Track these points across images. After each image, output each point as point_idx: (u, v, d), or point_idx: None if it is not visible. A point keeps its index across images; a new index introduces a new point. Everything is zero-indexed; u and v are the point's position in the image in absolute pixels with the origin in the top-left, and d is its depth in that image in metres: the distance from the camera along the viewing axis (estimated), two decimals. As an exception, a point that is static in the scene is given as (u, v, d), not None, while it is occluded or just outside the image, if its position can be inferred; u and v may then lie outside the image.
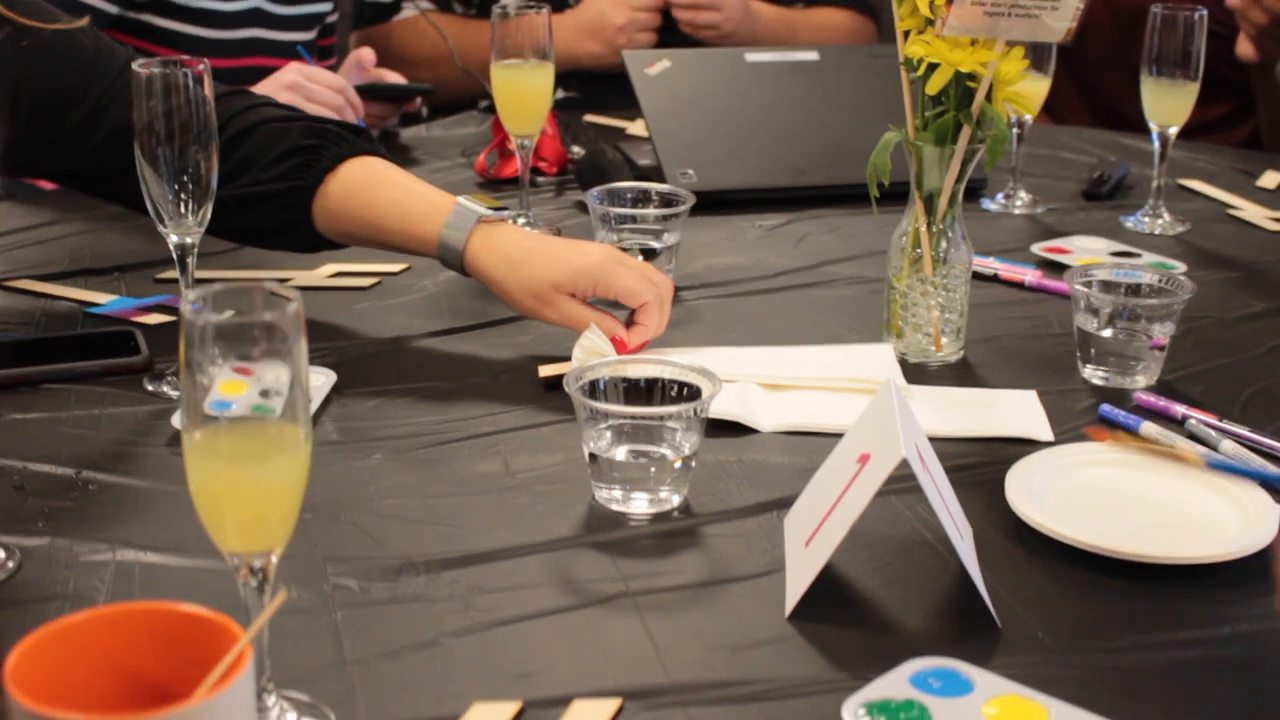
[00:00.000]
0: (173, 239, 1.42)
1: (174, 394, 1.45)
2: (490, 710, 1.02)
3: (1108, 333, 1.53)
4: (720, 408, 1.41)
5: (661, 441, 1.28)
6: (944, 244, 1.55)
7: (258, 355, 0.91)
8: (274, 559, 0.96)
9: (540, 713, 1.02)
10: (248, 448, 0.94)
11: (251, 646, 0.87)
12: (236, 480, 0.94)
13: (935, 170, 1.51)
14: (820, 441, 1.35)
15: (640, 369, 1.31)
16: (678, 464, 1.27)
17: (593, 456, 1.28)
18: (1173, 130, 2.01)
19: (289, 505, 0.95)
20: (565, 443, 1.37)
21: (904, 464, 1.10)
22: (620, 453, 1.28)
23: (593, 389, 1.29)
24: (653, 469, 1.27)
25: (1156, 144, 2.02)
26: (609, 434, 1.28)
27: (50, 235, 1.91)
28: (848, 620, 1.14)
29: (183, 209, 1.39)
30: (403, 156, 2.29)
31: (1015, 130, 2.08)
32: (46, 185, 2.04)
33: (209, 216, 1.41)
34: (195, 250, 1.42)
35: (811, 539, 1.17)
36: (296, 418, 0.94)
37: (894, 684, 1.04)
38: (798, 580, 1.16)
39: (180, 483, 1.28)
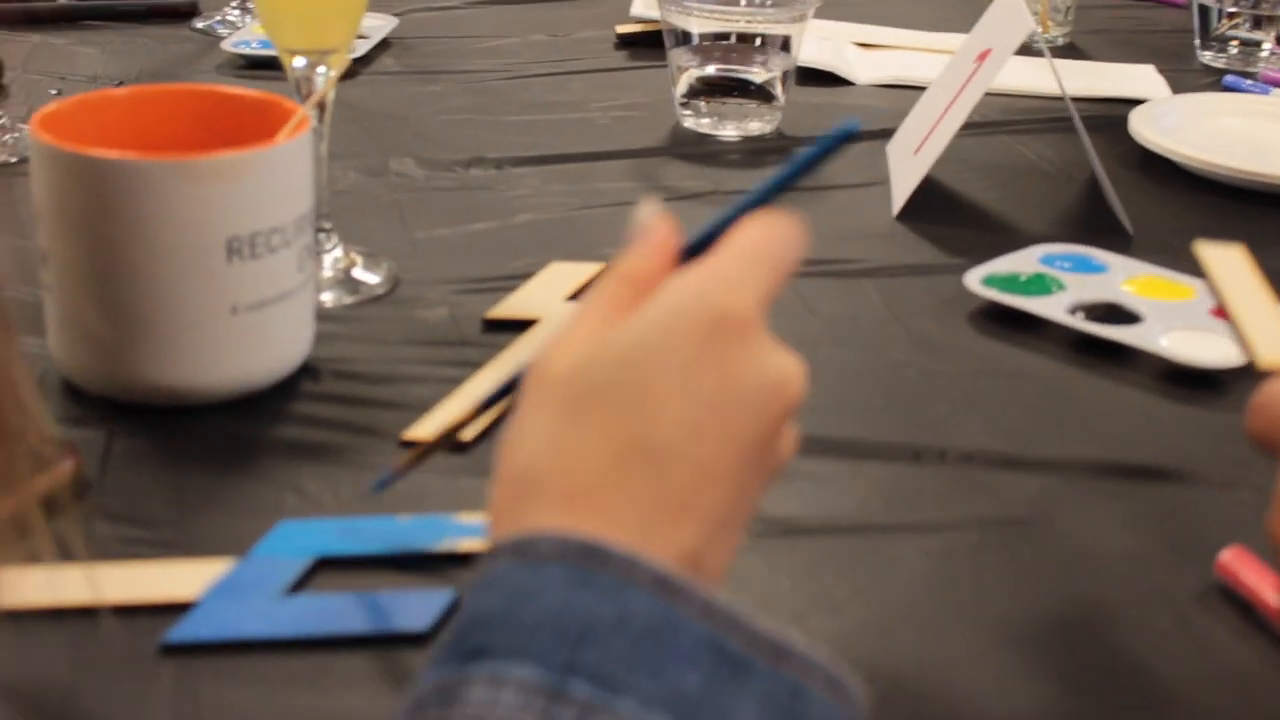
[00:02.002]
0: None
1: (225, 32, 1.34)
2: (570, 269, 0.92)
3: (1233, 8, 1.41)
4: (813, 56, 1.30)
5: (753, 63, 1.17)
6: (1057, -91, 1.43)
7: None
8: (333, 73, 0.85)
9: (626, 276, 0.91)
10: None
11: (309, 119, 0.76)
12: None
13: None
14: (920, 95, 1.23)
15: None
16: (769, 86, 1.16)
17: (681, 84, 1.17)
18: None
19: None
20: (647, 86, 1.26)
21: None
22: (710, 70, 1.17)
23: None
24: (743, 92, 1.16)
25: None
26: (697, 55, 1.17)
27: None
28: (962, 222, 1.04)
29: None
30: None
31: None
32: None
33: None
34: None
35: (922, 145, 1.06)
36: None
37: (1021, 261, 0.93)
38: (906, 183, 1.05)
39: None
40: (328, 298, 0.86)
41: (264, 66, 1.21)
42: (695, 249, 0.52)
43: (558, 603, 0.43)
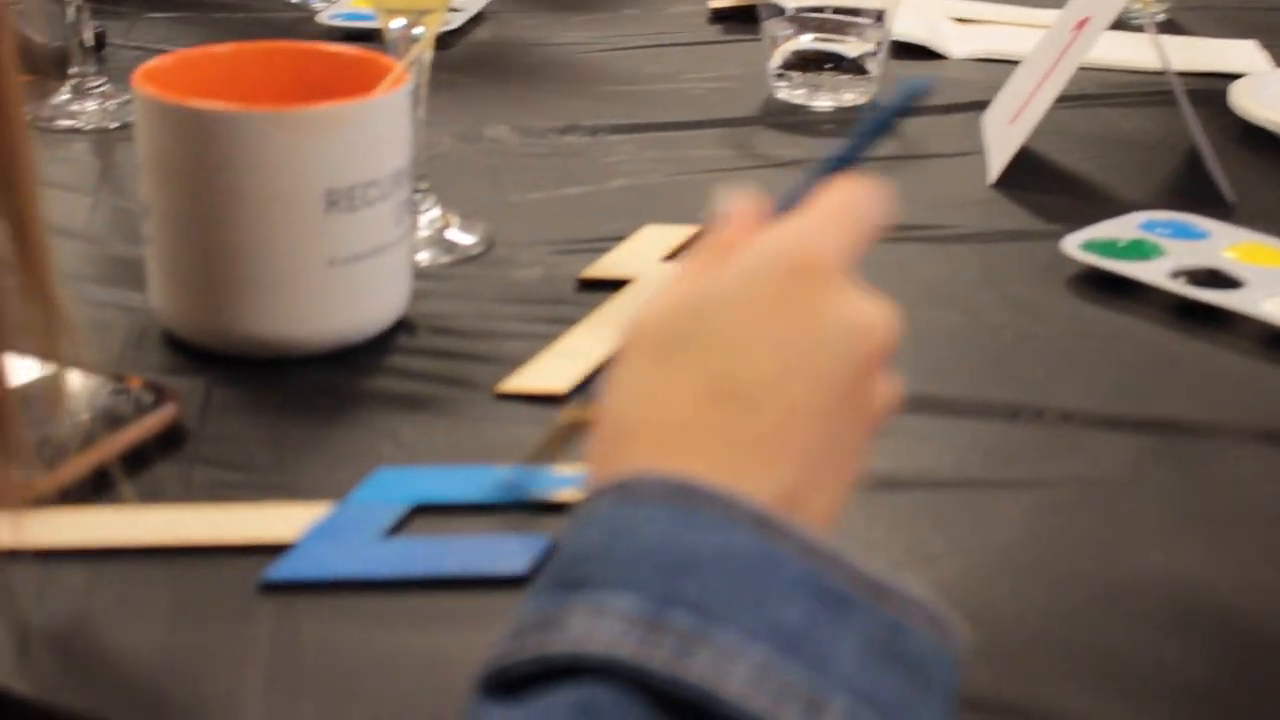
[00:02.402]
0: None
1: (321, 5, 1.35)
2: (664, 232, 0.92)
3: (1338, -16, 1.38)
4: (907, 30, 1.29)
5: (848, 35, 1.17)
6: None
7: None
8: (429, 32, 0.85)
9: (720, 240, 0.91)
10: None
11: (407, 74, 0.77)
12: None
13: None
14: (1015, 69, 1.22)
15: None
16: (863, 59, 1.16)
17: (776, 56, 1.16)
18: None
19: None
20: (740, 58, 1.26)
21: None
22: (805, 40, 1.16)
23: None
24: (837, 65, 1.16)
25: None
26: (792, 26, 1.16)
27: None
28: (1059, 190, 1.03)
29: None
30: None
31: None
32: None
33: None
34: None
35: (1018, 115, 1.05)
36: None
37: (1121, 227, 0.92)
38: (1003, 150, 1.04)
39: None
40: (424, 257, 0.86)
41: (359, 39, 1.22)
42: (782, 213, 0.53)
43: (658, 538, 0.43)
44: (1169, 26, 1.43)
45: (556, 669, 0.41)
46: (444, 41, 1.24)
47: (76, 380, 0.70)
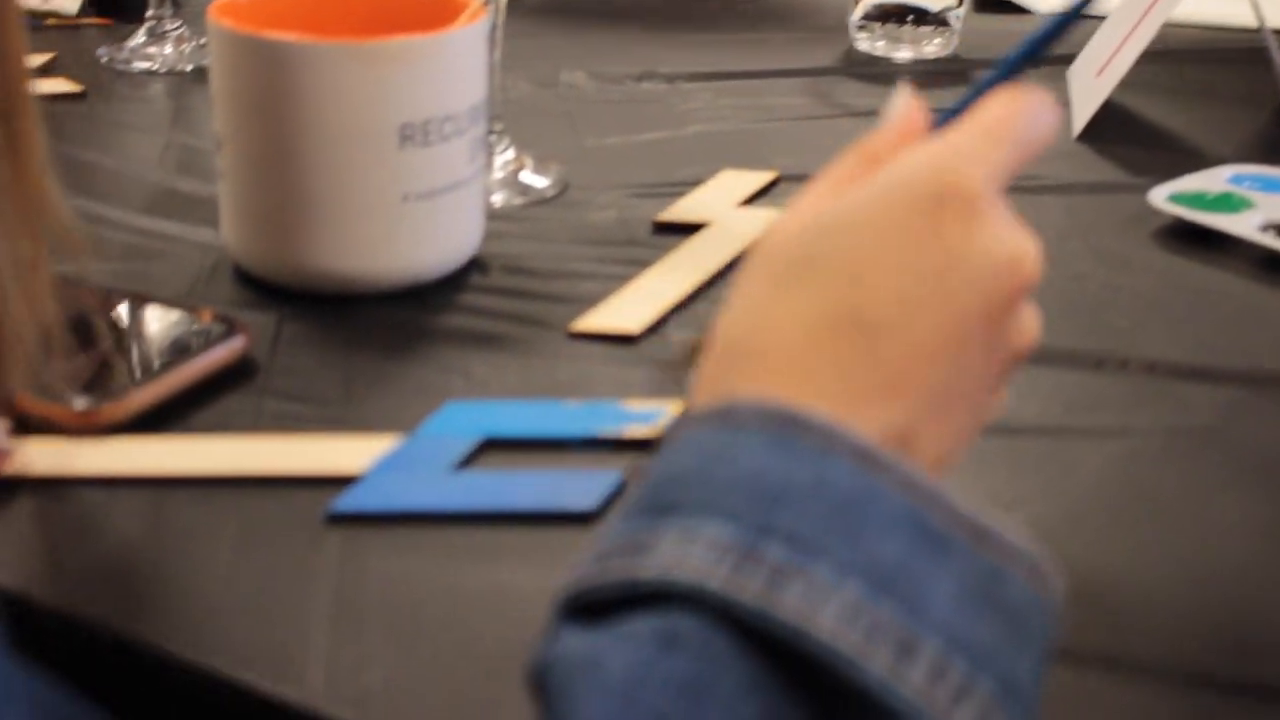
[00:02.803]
0: None
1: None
2: (741, 177, 0.90)
3: None
4: (991, -17, 1.27)
5: (932, -17, 1.15)
6: None
7: None
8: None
9: (797, 187, 0.90)
10: None
11: (485, 10, 0.76)
12: None
13: None
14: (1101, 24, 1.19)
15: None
16: (945, 12, 1.14)
17: (858, 9, 1.15)
18: None
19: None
20: (821, 10, 1.25)
21: None
22: (887, -10, 1.15)
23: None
24: (919, 18, 1.14)
25: None
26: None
27: None
28: (1145, 144, 1.00)
29: None
30: None
31: None
32: None
33: None
34: None
35: (1104, 69, 1.03)
36: None
37: (1208, 179, 0.90)
38: (1088, 103, 1.02)
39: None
40: (497, 198, 0.86)
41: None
42: (942, 126, 0.50)
43: (754, 465, 0.41)
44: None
45: (641, 594, 0.40)
46: (521, -11, 1.24)
47: (150, 312, 0.70)
